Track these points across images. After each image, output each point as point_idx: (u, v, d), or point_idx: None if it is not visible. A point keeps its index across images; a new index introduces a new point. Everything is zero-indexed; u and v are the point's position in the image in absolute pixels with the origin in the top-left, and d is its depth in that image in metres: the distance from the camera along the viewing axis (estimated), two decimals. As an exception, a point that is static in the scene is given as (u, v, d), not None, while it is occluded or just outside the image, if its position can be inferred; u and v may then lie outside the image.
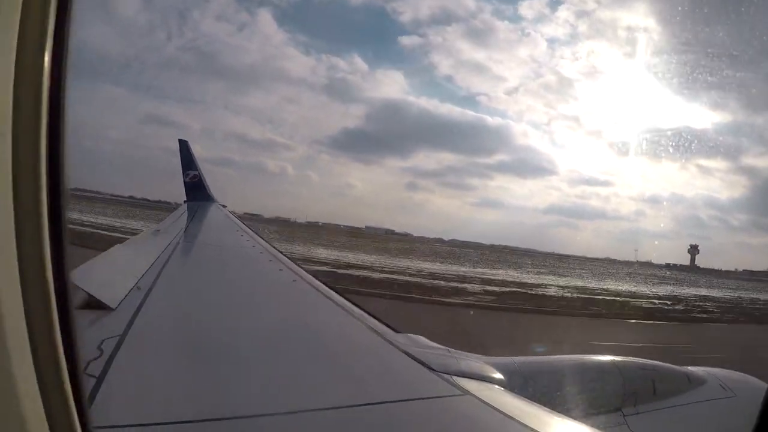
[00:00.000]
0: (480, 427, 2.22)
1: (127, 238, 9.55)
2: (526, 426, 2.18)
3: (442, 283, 33.36)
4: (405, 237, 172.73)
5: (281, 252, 7.99)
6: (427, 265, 48.79)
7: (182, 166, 21.76)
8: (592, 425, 2.63)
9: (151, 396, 2.17)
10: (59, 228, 1.08)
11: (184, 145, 22.87)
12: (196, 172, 21.84)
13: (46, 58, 1.00)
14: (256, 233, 10.83)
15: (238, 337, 3.26)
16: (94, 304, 3.31)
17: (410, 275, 36.91)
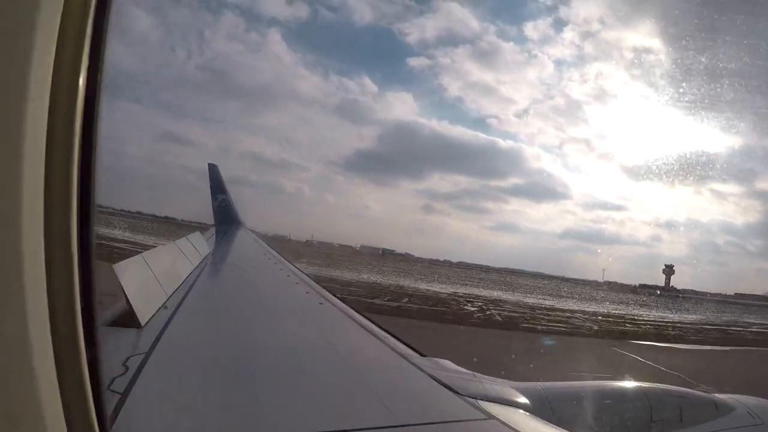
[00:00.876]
0: None
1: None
2: None
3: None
4: (404, 257, 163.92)
5: (308, 275, 8.04)
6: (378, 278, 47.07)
7: (211, 190, 21.91)
8: None
9: (174, 414, 2.17)
10: (87, 245, 1.08)
11: (213, 170, 22.97)
12: (225, 196, 22.00)
13: (81, 78, 1.02)
14: (283, 257, 10.93)
15: (263, 357, 3.25)
16: (122, 322, 3.38)
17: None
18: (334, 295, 6.07)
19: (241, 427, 2.08)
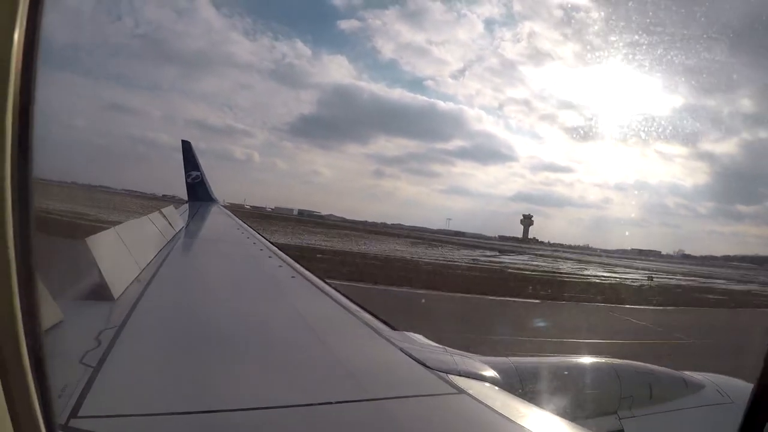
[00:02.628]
0: (474, 426, 2.19)
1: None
2: (520, 426, 2.15)
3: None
4: (323, 219, 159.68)
5: (282, 250, 8.03)
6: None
7: (185, 167, 21.79)
8: (588, 427, 2.60)
9: (146, 386, 2.16)
10: (26, 218, 1.04)
11: (187, 146, 22.76)
12: (198, 173, 21.88)
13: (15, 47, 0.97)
14: (258, 232, 10.89)
15: (235, 330, 3.25)
16: (95, 295, 3.33)
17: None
18: (307, 270, 6.07)
19: (212, 400, 2.08)
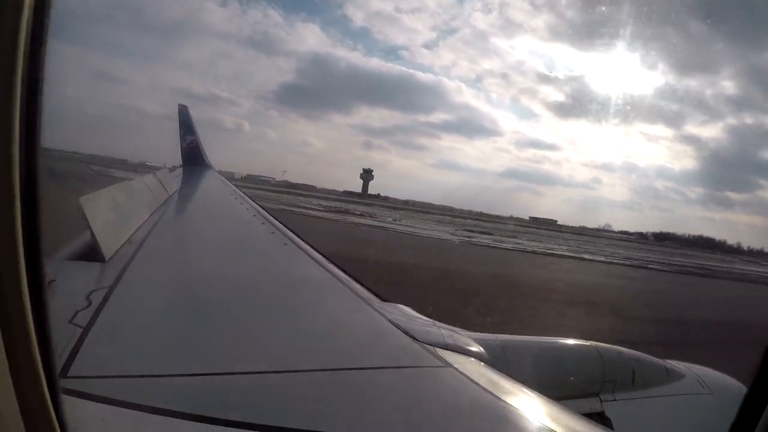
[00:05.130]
0: (459, 399, 2.22)
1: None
2: (505, 401, 2.18)
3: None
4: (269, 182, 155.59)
5: (276, 217, 8.01)
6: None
7: (180, 131, 21.45)
8: (570, 408, 2.65)
9: (136, 348, 2.18)
10: (33, 186, 1.02)
11: (183, 110, 22.43)
12: (194, 138, 21.56)
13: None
14: (253, 200, 10.85)
15: (224, 295, 3.26)
16: (86, 255, 3.31)
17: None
18: (300, 238, 6.07)
19: (199, 364, 2.11)
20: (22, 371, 1.01)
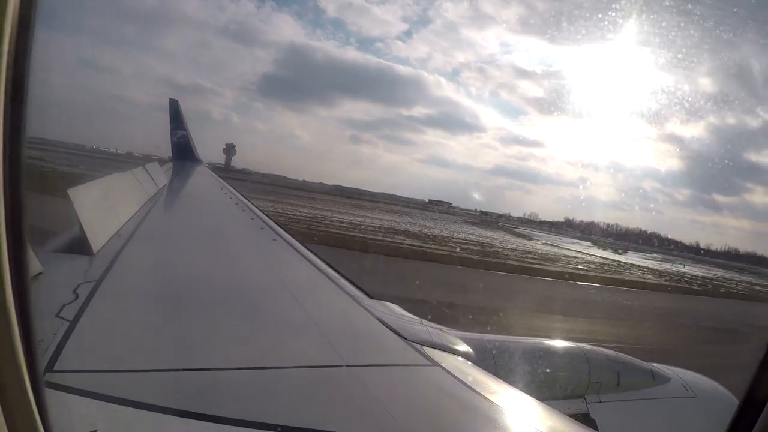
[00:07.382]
0: (446, 398, 2.23)
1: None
2: (491, 401, 2.19)
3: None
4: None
5: (266, 214, 7.98)
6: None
7: (171, 126, 21.43)
8: (556, 408, 2.67)
9: (122, 341, 2.16)
10: (17, 174, 1.01)
11: (174, 105, 22.37)
12: (184, 132, 21.54)
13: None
14: (243, 195, 10.82)
15: (212, 291, 3.24)
16: (74, 249, 3.27)
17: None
18: (289, 234, 6.06)
19: (185, 359, 2.09)
20: (3, 365, 1.00)
